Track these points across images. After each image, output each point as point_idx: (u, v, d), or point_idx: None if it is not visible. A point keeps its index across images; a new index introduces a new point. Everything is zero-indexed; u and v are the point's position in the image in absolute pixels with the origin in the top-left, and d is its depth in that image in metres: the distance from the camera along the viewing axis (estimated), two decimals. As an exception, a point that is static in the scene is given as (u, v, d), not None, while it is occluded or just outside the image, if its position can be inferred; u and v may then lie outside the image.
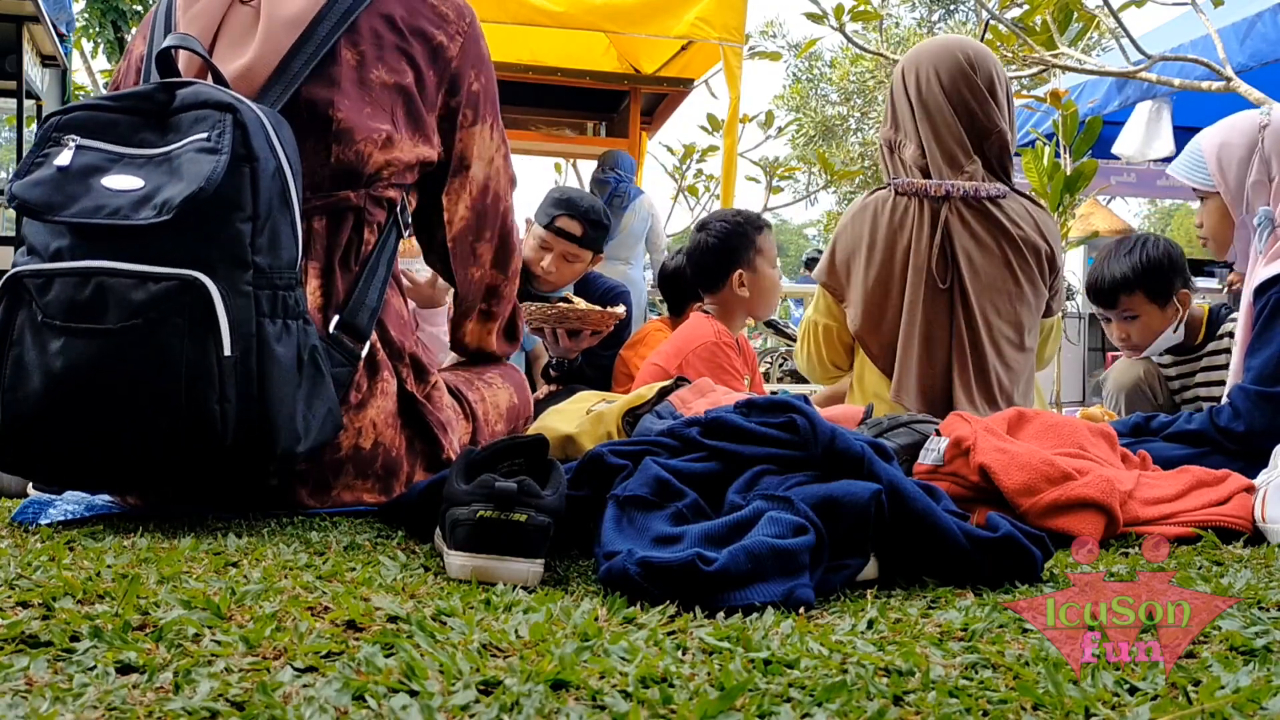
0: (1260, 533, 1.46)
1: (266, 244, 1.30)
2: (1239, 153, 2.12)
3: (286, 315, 1.32)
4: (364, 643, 0.80)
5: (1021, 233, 2.24)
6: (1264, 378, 1.93)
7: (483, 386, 1.82)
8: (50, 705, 0.64)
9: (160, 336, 1.23)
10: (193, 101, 1.32)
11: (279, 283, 1.31)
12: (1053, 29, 4.77)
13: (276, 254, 1.32)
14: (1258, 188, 2.09)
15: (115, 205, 1.25)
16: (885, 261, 2.23)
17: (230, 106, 1.30)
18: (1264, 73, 4.85)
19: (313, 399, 1.36)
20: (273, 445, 1.29)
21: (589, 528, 1.22)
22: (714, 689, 0.72)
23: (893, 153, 2.32)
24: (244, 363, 1.26)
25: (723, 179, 5.06)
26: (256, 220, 1.29)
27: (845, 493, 1.12)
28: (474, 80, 1.65)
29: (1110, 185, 6.62)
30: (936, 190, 2.23)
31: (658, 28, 4.76)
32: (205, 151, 1.27)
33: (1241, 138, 2.12)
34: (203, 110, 1.31)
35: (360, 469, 1.50)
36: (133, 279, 1.23)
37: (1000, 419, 1.68)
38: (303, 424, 1.33)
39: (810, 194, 13.89)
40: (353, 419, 1.49)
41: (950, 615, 0.96)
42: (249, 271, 1.28)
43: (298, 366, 1.33)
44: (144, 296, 1.23)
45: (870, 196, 2.32)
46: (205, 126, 1.29)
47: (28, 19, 6.14)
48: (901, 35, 16.61)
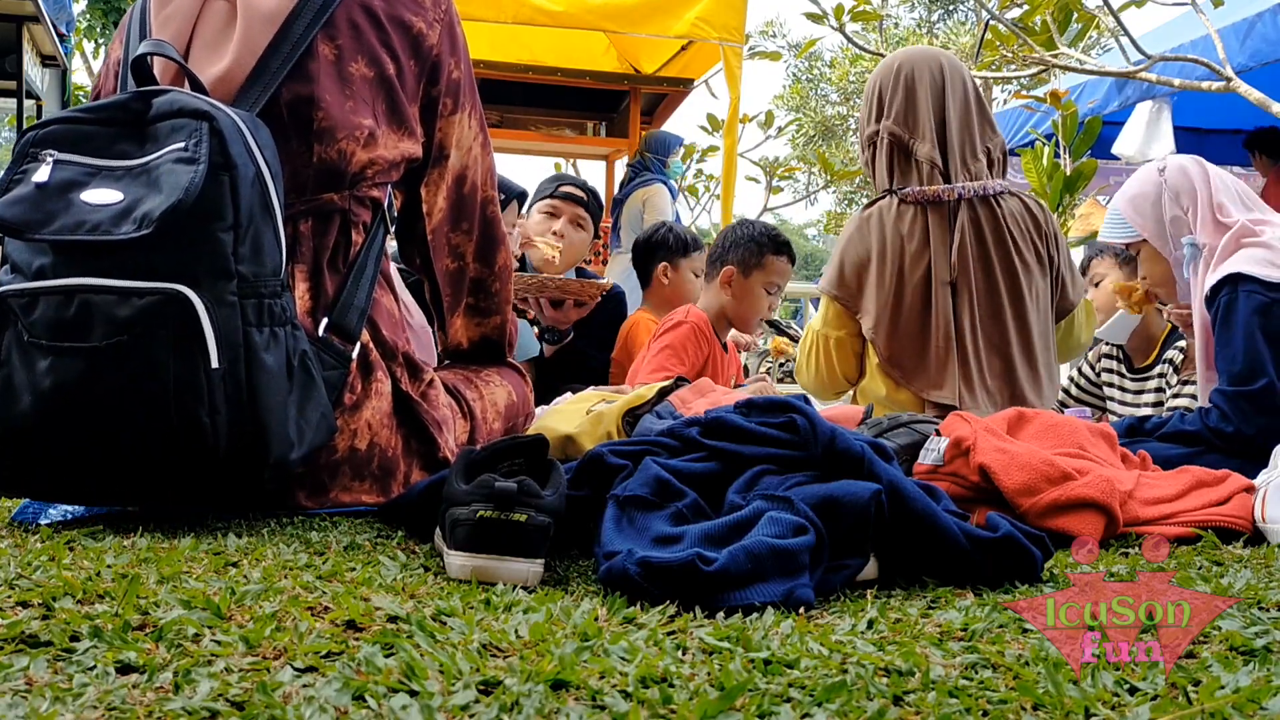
0: (1260, 533, 1.46)
1: (249, 252, 1.29)
2: (1150, 196, 2.30)
3: (274, 323, 1.31)
4: (364, 643, 0.80)
5: (1025, 228, 2.27)
6: (1236, 376, 1.99)
7: (481, 385, 1.81)
8: (50, 705, 0.64)
9: (147, 351, 1.23)
10: (169, 110, 1.30)
11: (264, 290, 1.30)
12: (1052, 29, 4.77)
13: (260, 261, 1.30)
14: (1176, 223, 2.26)
15: (95, 221, 1.24)
16: (898, 272, 2.23)
17: (206, 114, 1.28)
18: (1264, 73, 4.85)
19: (305, 404, 1.35)
20: (266, 453, 1.29)
21: (589, 528, 1.22)
22: (714, 689, 0.72)
23: (899, 150, 2.30)
24: (232, 374, 1.26)
25: (723, 179, 5.06)
26: (238, 229, 1.28)
27: (845, 493, 1.12)
28: (454, 68, 1.63)
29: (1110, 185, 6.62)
30: (949, 195, 2.24)
31: (658, 27, 4.76)
32: (183, 162, 1.25)
33: (1147, 186, 2.31)
34: (179, 119, 1.29)
35: (356, 470, 1.50)
36: (116, 295, 1.23)
37: (1000, 419, 1.68)
38: (296, 431, 1.33)
39: (810, 194, 13.90)
40: (348, 421, 1.48)
41: (950, 615, 0.97)
42: (233, 281, 1.27)
43: (288, 373, 1.33)
44: (129, 312, 1.22)
45: (873, 206, 2.32)
46: (182, 136, 1.27)
47: (28, 19, 6.15)
48: (901, 35, 16.62)
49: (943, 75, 2.31)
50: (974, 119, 2.31)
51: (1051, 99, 4.89)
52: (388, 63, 1.52)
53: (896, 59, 2.39)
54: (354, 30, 1.50)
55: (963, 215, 2.23)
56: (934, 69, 2.32)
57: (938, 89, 2.30)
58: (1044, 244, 2.30)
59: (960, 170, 2.26)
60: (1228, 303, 2.03)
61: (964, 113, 2.29)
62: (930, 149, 2.26)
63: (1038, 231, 2.30)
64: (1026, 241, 2.27)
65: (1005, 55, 5.02)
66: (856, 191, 15.83)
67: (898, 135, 2.30)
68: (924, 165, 2.26)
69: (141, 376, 1.23)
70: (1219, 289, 2.05)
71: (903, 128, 2.30)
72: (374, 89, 1.51)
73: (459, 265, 1.74)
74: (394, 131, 1.53)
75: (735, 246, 2.91)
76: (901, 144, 2.30)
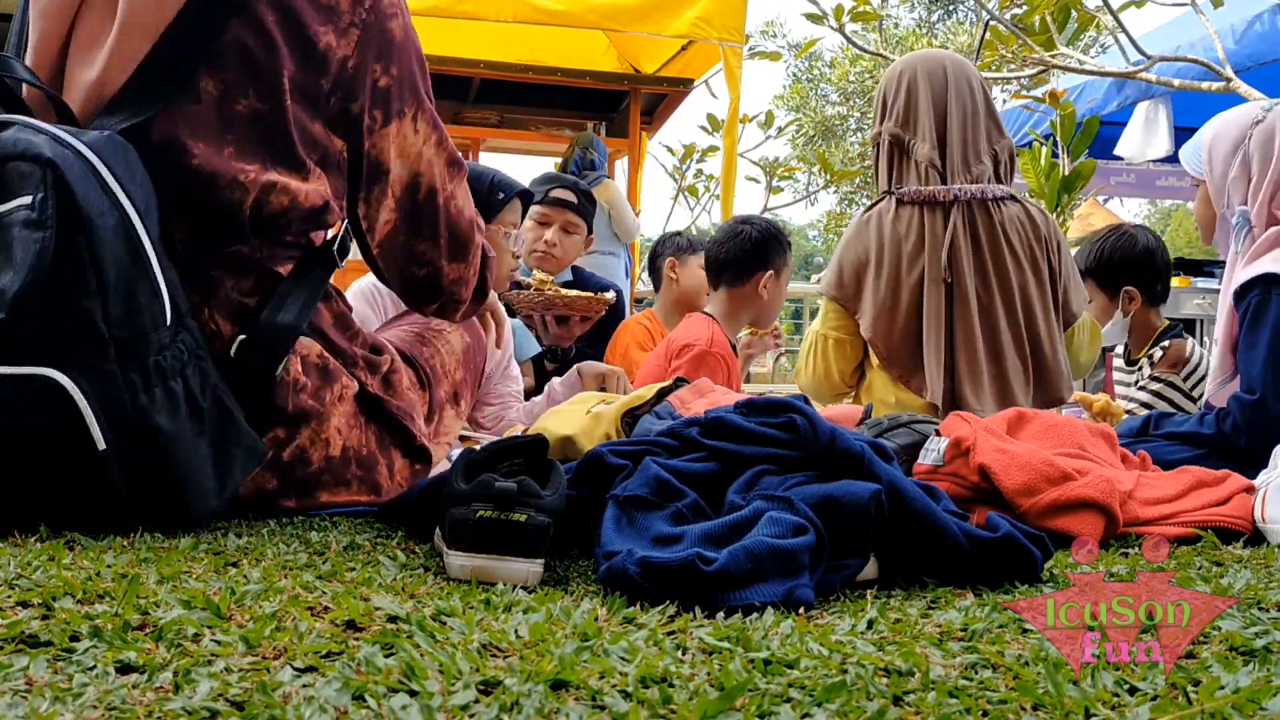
0: (1260, 533, 1.46)
1: (122, 314, 1.16)
2: (1227, 145, 2.13)
3: (165, 378, 1.20)
4: (364, 643, 0.80)
5: (1024, 233, 2.27)
6: (1253, 386, 1.94)
7: (434, 337, 1.77)
8: (50, 705, 0.64)
9: (25, 441, 1.15)
10: (12, 152, 1.15)
11: (146, 349, 1.18)
12: (1052, 29, 4.77)
13: (136, 320, 1.17)
14: (1236, 183, 2.11)
15: None
16: (894, 271, 2.24)
17: (49, 162, 1.13)
18: (1264, 73, 4.85)
19: (223, 445, 1.26)
20: (186, 510, 1.23)
21: (589, 528, 1.22)
22: (714, 689, 0.72)
23: (899, 151, 2.31)
24: (130, 447, 1.17)
25: (723, 179, 5.06)
26: (105, 292, 1.15)
27: (845, 493, 1.12)
28: (379, 75, 1.45)
29: (1110, 185, 6.63)
30: (945, 196, 2.24)
31: (657, 27, 4.76)
32: (30, 226, 1.12)
33: (1234, 131, 2.14)
34: (24, 164, 1.14)
35: (337, 476, 1.48)
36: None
37: (1000, 419, 1.68)
38: (214, 478, 1.25)
39: (810, 194, 13.88)
40: (317, 432, 1.45)
41: (950, 615, 0.96)
42: (109, 349, 1.15)
43: (197, 418, 1.23)
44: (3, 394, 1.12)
45: (872, 209, 2.33)
46: (29, 187, 1.13)
47: (27, 19, 6.13)
48: (901, 36, 16.62)
49: (945, 76, 2.31)
50: (980, 120, 2.30)
51: (1049, 99, 4.89)
52: (284, 91, 1.36)
53: (902, 62, 2.40)
54: (243, 55, 1.34)
55: (956, 216, 2.23)
56: (936, 71, 2.33)
57: (939, 90, 2.30)
58: (1043, 250, 2.29)
59: (960, 171, 2.26)
60: (1258, 304, 1.96)
61: (967, 114, 2.29)
62: (929, 150, 2.26)
63: (1037, 238, 2.29)
64: (1024, 247, 2.26)
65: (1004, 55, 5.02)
66: (857, 191, 15.82)
67: (897, 136, 2.31)
68: (922, 166, 2.26)
69: (30, 467, 1.16)
70: (1250, 287, 1.98)
71: (902, 129, 2.31)
72: (265, 129, 1.36)
73: (429, 271, 1.62)
74: (296, 174, 1.40)
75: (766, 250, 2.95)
76: (901, 145, 2.30)
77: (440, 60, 4.77)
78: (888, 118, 2.34)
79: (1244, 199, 2.11)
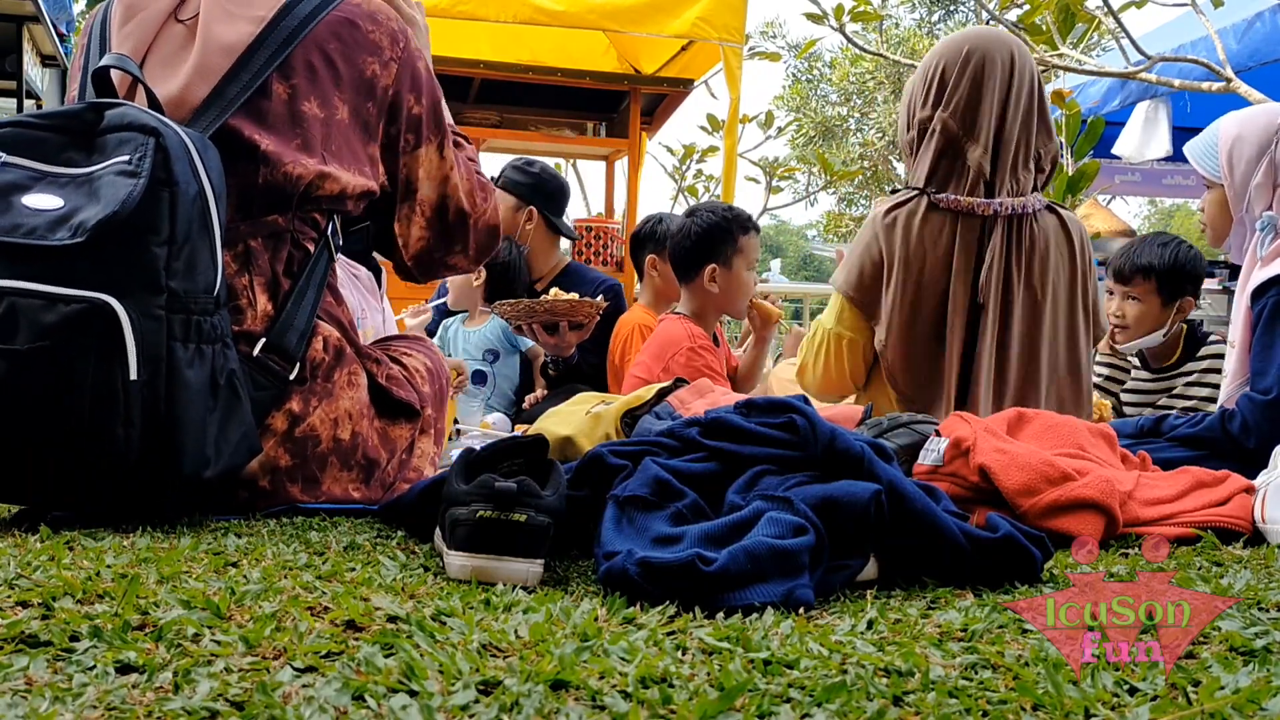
0: (1260, 533, 1.46)
1: (183, 268, 1.30)
2: (1250, 150, 2.09)
3: (201, 339, 1.32)
4: (364, 643, 0.80)
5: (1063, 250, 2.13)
6: (1269, 386, 1.92)
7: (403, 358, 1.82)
8: (50, 705, 0.64)
9: (67, 359, 1.23)
10: (119, 124, 1.32)
11: (194, 307, 1.31)
12: (1053, 30, 4.77)
13: (193, 279, 1.31)
14: (1261, 190, 2.07)
15: (32, 225, 1.25)
16: (916, 284, 2.08)
17: (154, 130, 1.29)
18: (1264, 73, 4.86)
19: (227, 423, 1.36)
20: (179, 467, 1.29)
21: (589, 528, 1.22)
22: (714, 689, 0.72)
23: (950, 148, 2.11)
24: (151, 386, 1.26)
25: (723, 179, 5.06)
26: (173, 244, 1.29)
27: (845, 493, 1.12)
28: (413, 105, 1.66)
29: (1114, 185, 6.62)
30: (985, 210, 2.06)
31: (657, 27, 4.76)
32: (125, 175, 1.27)
33: (1257, 135, 2.09)
34: (127, 133, 1.30)
35: (344, 460, 1.55)
36: (43, 300, 1.23)
37: (1000, 419, 1.68)
38: (213, 448, 1.33)
39: (810, 194, 13.86)
40: (328, 411, 1.52)
41: (950, 615, 0.96)
42: (162, 295, 1.28)
43: (212, 390, 1.33)
44: (53, 319, 1.23)
45: (900, 207, 2.12)
46: (128, 149, 1.29)
47: (28, 19, 6.14)
48: (901, 36, 16.60)
49: (1012, 70, 2.09)
50: (1034, 122, 2.12)
51: (1055, 99, 4.89)
52: (339, 106, 1.56)
53: (967, 40, 2.14)
54: (309, 72, 1.53)
55: (997, 235, 2.06)
56: (1005, 61, 2.09)
57: (1004, 86, 2.08)
58: (1079, 265, 2.14)
59: (1008, 180, 2.08)
60: (1274, 305, 1.94)
61: (1025, 115, 2.09)
62: (983, 154, 2.08)
63: (1073, 252, 2.14)
64: (1065, 263, 2.11)
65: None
66: (856, 192, 15.81)
67: (953, 132, 2.10)
68: (971, 171, 2.08)
69: (60, 385, 1.23)
70: (1267, 288, 1.96)
71: (960, 124, 2.10)
72: (325, 127, 1.54)
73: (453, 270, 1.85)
74: (346, 167, 1.56)
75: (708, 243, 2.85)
76: (955, 142, 2.10)
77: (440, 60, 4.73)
78: (944, 105, 2.11)
79: (1269, 204, 2.07)
